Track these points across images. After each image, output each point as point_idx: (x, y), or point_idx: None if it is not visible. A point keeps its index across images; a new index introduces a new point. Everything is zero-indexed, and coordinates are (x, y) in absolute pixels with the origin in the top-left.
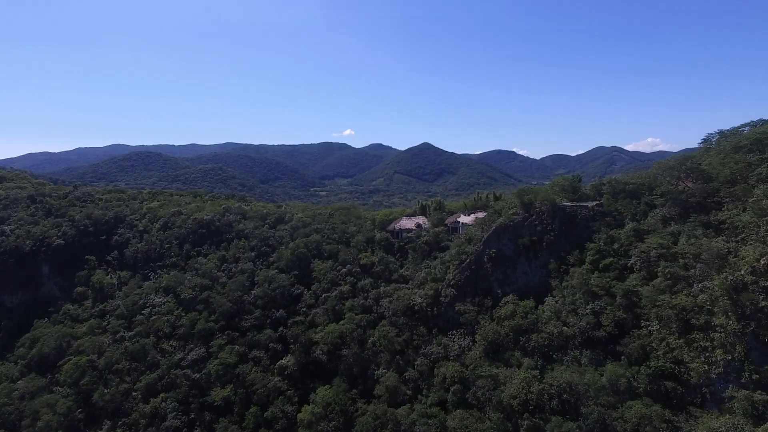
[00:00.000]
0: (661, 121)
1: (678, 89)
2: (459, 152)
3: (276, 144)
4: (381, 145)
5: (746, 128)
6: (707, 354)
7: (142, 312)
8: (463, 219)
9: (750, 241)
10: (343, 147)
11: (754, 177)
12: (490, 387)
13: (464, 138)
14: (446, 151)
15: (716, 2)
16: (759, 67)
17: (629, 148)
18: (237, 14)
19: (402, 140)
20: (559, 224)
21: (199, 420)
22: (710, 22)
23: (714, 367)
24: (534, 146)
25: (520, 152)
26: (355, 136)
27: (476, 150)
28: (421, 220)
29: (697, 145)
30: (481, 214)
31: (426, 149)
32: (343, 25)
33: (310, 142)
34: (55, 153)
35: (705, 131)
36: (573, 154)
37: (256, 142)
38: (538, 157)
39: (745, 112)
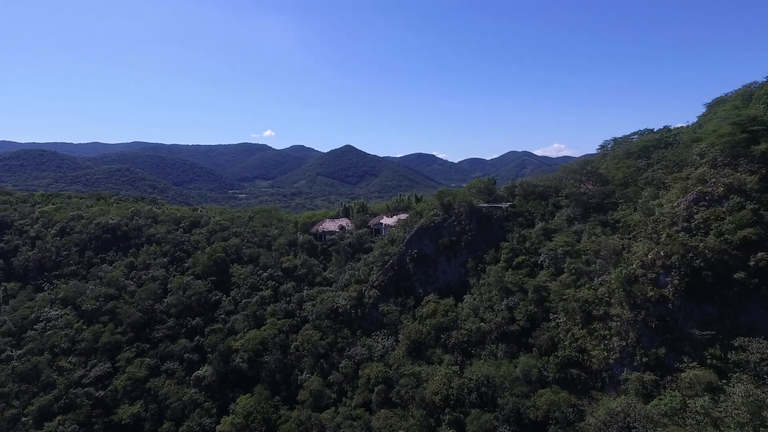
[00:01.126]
0: (566, 128)
1: (579, 99)
2: (381, 155)
3: (190, 144)
4: (303, 146)
5: (635, 136)
6: (606, 342)
7: (35, 327)
8: (386, 220)
9: (640, 238)
10: (263, 148)
11: (642, 180)
12: (413, 385)
13: (386, 141)
14: (369, 154)
15: (611, 23)
16: (647, 81)
17: (538, 152)
18: (144, 6)
19: (324, 142)
20: (476, 224)
21: None
22: (604, 40)
23: (612, 353)
24: (453, 150)
25: (440, 156)
26: (275, 137)
27: (398, 153)
28: (344, 222)
29: (595, 151)
30: (403, 216)
31: (348, 151)
32: (262, 21)
33: (227, 143)
34: None
35: (602, 138)
36: (488, 158)
37: (168, 142)
38: (456, 161)
39: (635, 120)
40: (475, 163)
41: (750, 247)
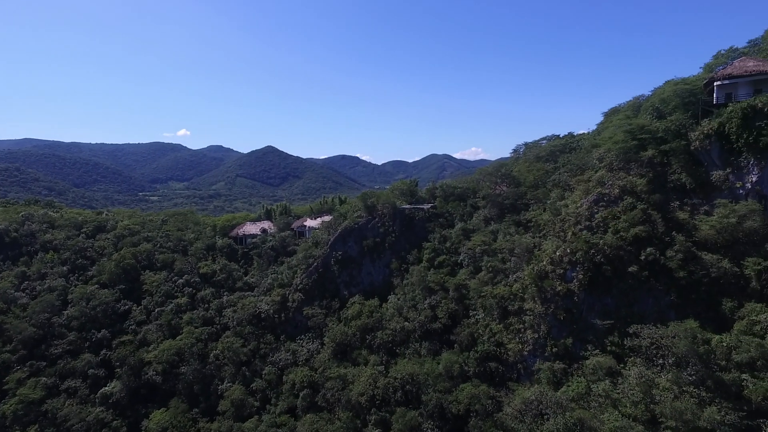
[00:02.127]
0: (482, 132)
1: (493, 106)
2: (304, 156)
3: (93, 142)
4: (221, 147)
5: (544, 141)
6: (521, 335)
7: None
8: (310, 223)
9: (549, 237)
10: (177, 148)
11: (551, 182)
12: (339, 387)
13: (309, 142)
14: (291, 155)
15: (523, 35)
16: (554, 90)
17: (457, 155)
18: None
19: (244, 142)
20: (400, 225)
21: None
22: (517, 49)
23: (526, 345)
24: (376, 152)
25: (363, 158)
26: (191, 136)
27: (321, 154)
28: (266, 224)
29: (509, 154)
30: (327, 218)
31: (270, 152)
32: (172, 9)
33: (137, 142)
34: None
35: (515, 142)
36: (410, 160)
37: (66, 139)
38: (379, 163)
39: (545, 125)
40: (397, 166)
41: (641, 243)
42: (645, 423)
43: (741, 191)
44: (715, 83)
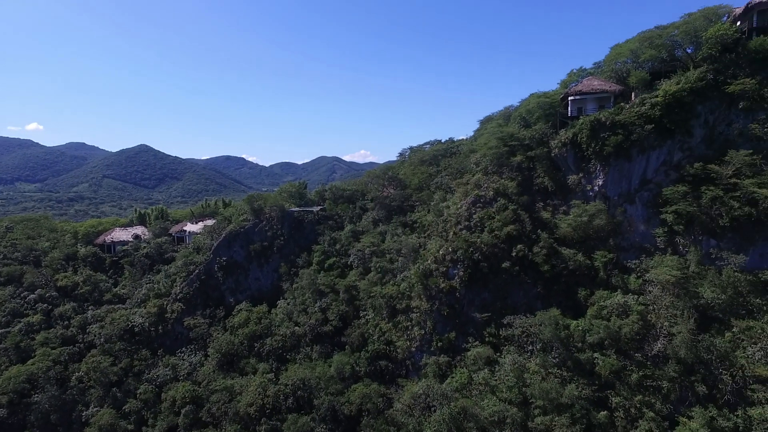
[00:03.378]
0: (371, 136)
1: (381, 110)
2: (184, 156)
3: None
4: (84, 144)
5: (427, 146)
6: (408, 332)
7: None
8: (190, 227)
9: (433, 236)
10: (26, 144)
11: (434, 185)
12: (226, 400)
13: (189, 141)
14: (169, 155)
15: (418, 43)
16: (439, 96)
17: (347, 158)
18: None
19: (113, 140)
20: (289, 229)
21: None
22: (398, 57)
23: (413, 342)
24: (264, 153)
25: (250, 159)
26: (44, 131)
27: (203, 155)
28: (139, 230)
29: (396, 158)
30: (210, 222)
31: (144, 152)
32: None
33: None
34: None
35: (401, 146)
36: (300, 162)
37: None
38: (267, 164)
39: (430, 130)
40: (286, 167)
41: (512, 240)
42: (518, 405)
43: (591, 193)
44: (569, 98)
